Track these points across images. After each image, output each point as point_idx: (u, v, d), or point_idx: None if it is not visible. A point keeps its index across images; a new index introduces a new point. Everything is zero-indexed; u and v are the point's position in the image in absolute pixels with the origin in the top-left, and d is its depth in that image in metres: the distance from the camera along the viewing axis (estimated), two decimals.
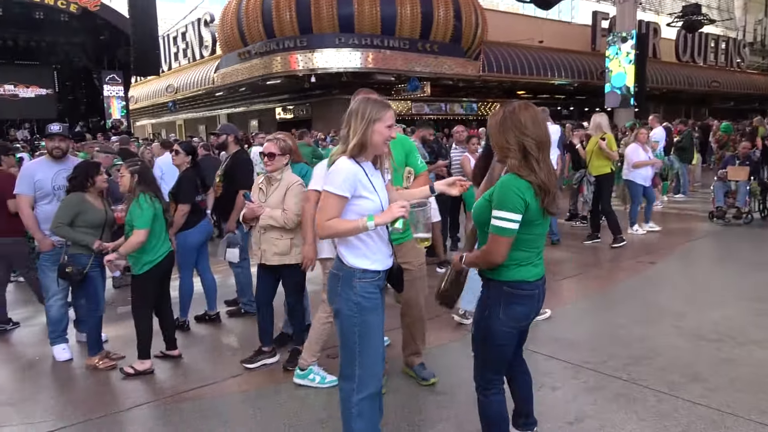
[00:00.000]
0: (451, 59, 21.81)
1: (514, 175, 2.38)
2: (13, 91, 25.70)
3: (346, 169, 2.42)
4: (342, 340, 2.55)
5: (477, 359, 2.64)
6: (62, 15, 22.66)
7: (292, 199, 3.87)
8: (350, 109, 2.51)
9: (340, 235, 2.46)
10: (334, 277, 2.54)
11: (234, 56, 22.63)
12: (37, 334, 5.03)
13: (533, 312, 2.56)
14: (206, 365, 4.26)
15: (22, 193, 4.46)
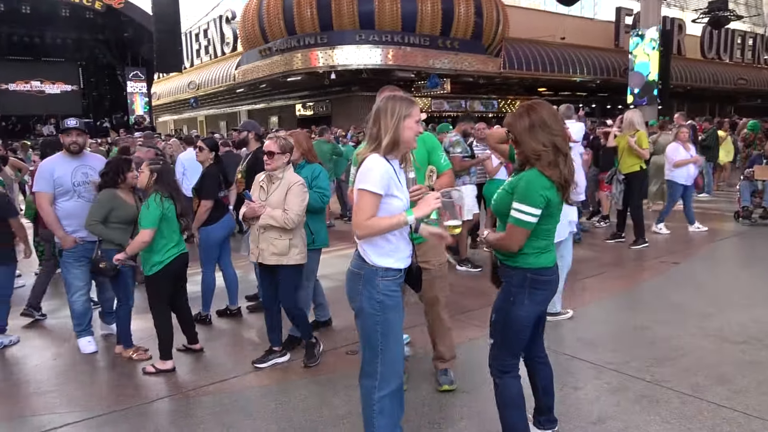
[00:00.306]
0: (471, 56, 21.69)
1: (539, 172, 2.49)
2: (40, 88, 26.22)
3: (381, 167, 2.41)
4: (364, 338, 2.56)
5: (495, 344, 2.71)
6: (87, 12, 23.06)
7: (293, 199, 3.81)
8: (378, 108, 2.51)
9: (381, 232, 2.44)
10: (356, 275, 2.54)
11: (255, 53, 22.77)
12: (63, 327, 5.12)
13: (552, 295, 2.71)
14: (227, 359, 4.30)
15: (41, 191, 4.38)
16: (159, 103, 33.47)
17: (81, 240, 4.39)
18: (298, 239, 3.92)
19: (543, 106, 2.58)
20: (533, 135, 2.51)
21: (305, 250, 3.99)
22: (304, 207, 3.86)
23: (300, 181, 3.89)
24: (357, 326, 2.60)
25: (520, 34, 24.46)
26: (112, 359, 4.35)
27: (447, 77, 22.77)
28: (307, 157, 4.34)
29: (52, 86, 26.51)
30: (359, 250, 2.54)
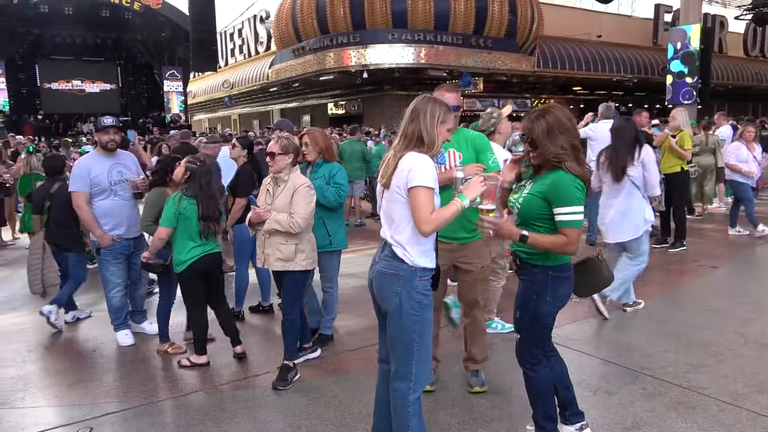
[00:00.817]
0: (505, 54, 21.49)
1: (565, 173, 2.57)
2: (80, 87, 26.95)
3: (430, 163, 2.47)
4: (399, 340, 2.55)
5: (523, 339, 2.82)
6: (126, 13, 23.62)
7: (299, 202, 3.65)
8: (417, 108, 2.55)
9: (447, 222, 2.48)
10: (392, 276, 2.52)
11: (288, 52, 22.99)
12: (101, 319, 5.26)
13: (571, 289, 2.79)
14: (260, 355, 4.36)
15: (78, 190, 4.39)
16: (194, 102, 34.07)
17: (118, 238, 4.48)
18: (306, 244, 3.77)
19: (558, 108, 2.67)
20: (552, 138, 2.57)
21: (314, 255, 3.86)
22: (311, 210, 3.70)
23: (306, 183, 3.73)
24: (389, 328, 2.57)
25: (554, 32, 24.12)
26: (148, 353, 4.46)
27: (480, 76, 22.61)
28: (325, 156, 4.22)
29: (92, 85, 27.24)
30: (395, 251, 2.51)
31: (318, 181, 4.07)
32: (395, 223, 2.52)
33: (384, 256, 2.56)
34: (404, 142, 2.53)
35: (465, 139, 3.44)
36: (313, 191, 3.76)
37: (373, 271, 2.61)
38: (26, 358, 4.42)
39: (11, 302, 5.95)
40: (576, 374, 3.78)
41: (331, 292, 4.47)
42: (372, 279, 2.62)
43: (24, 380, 4.00)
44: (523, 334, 2.80)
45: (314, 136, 4.19)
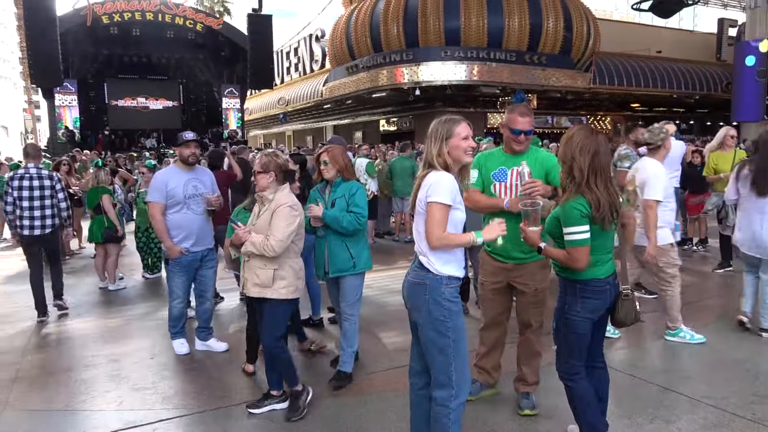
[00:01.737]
0: (559, 71, 21.21)
1: (576, 194, 2.74)
2: (145, 103, 28.21)
3: (448, 179, 2.59)
4: (434, 349, 2.64)
5: (560, 349, 2.95)
6: (189, 33, 24.65)
7: (277, 224, 3.43)
8: (428, 132, 2.73)
9: (454, 247, 2.64)
10: (420, 285, 2.65)
11: (342, 70, 23.40)
12: (159, 328, 5.45)
13: (606, 304, 2.85)
14: (307, 370, 4.40)
15: (154, 201, 4.54)
16: (250, 118, 35.07)
17: (186, 251, 4.61)
18: (287, 270, 3.53)
19: (582, 129, 2.82)
20: (571, 157, 2.75)
21: (298, 283, 3.60)
22: (289, 233, 3.44)
23: (288, 203, 3.49)
24: (422, 336, 2.67)
25: (612, 47, 23.64)
26: (203, 362, 4.58)
27: (533, 93, 22.36)
28: (344, 175, 4.02)
29: (156, 102, 28.47)
30: (420, 261, 2.66)
31: (339, 201, 3.93)
32: (420, 235, 2.66)
33: (414, 268, 2.72)
34: (423, 165, 2.72)
35: (535, 158, 3.43)
36: (297, 212, 3.51)
37: (406, 281, 2.75)
38: (89, 362, 4.62)
39: (77, 308, 6.24)
40: (632, 401, 3.65)
41: (352, 320, 4.10)
42: (403, 288, 2.75)
43: (86, 384, 4.18)
44: (560, 345, 2.93)
45: (333, 154, 4.03)
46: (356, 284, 4.09)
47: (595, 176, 2.71)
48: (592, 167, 2.70)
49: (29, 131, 52.81)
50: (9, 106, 56.67)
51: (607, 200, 2.70)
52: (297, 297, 3.62)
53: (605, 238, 2.82)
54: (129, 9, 22.95)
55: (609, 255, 2.87)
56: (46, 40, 19.30)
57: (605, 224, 2.72)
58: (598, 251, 2.80)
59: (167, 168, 4.84)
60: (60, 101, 23.80)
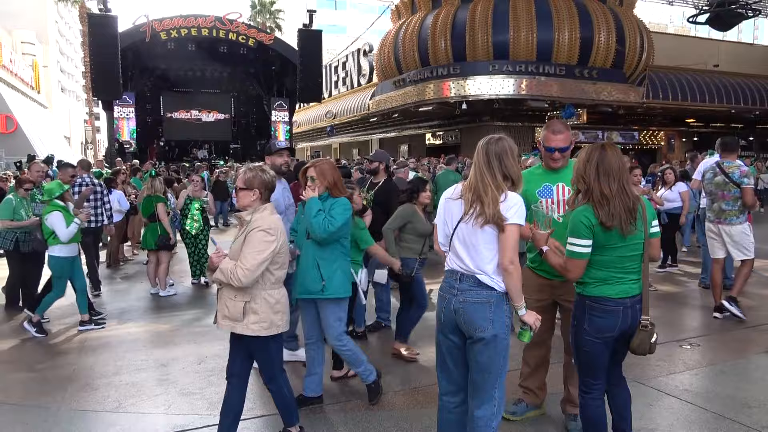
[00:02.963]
0: (611, 85, 20.74)
1: (586, 206, 2.75)
2: (198, 116, 29.11)
3: (521, 201, 2.66)
4: (487, 366, 2.65)
5: (576, 366, 2.97)
6: (242, 48, 25.36)
7: (247, 250, 3.01)
8: (495, 151, 2.68)
9: (515, 281, 2.61)
10: (483, 305, 2.62)
11: (389, 84, 23.57)
12: (206, 334, 5.56)
13: (617, 326, 2.77)
14: (353, 380, 4.40)
15: None
16: (298, 131, 35.67)
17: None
18: (260, 303, 3.08)
19: (590, 145, 2.84)
20: (579, 172, 2.79)
21: (275, 318, 3.13)
22: (260, 261, 2.98)
23: (262, 227, 3.04)
24: (479, 355, 2.64)
25: (666, 61, 23.01)
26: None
27: (583, 107, 21.95)
28: (332, 192, 3.73)
29: (208, 115, 29.33)
30: (481, 280, 2.63)
31: (317, 216, 3.60)
32: (480, 253, 2.62)
33: (468, 287, 2.65)
34: (498, 181, 2.66)
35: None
36: (273, 237, 3.04)
37: (455, 303, 2.66)
38: (139, 366, 4.75)
39: (128, 313, 6.44)
40: (684, 429, 3.49)
41: (345, 350, 3.84)
42: (456, 310, 2.66)
43: (136, 387, 4.30)
44: (575, 360, 2.96)
45: (322, 169, 3.70)
46: (326, 311, 3.75)
47: (600, 183, 2.71)
48: (598, 174, 2.72)
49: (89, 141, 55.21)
50: (72, 117, 59.46)
51: (622, 205, 2.68)
52: (272, 334, 3.13)
53: (621, 254, 2.74)
54: (186, 25, 23.81)
55: (626, 275, 2.77)
56: (107, 56, 20.22)
57: (623, 229, 2.68)
58: (609, 267, 2.75)
59: None
60: (119, 113, 24.81)
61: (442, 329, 2.76)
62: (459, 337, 2.71)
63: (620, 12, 20.64)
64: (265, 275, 3.09)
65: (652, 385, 4.18)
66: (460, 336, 2.70)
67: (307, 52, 23.73)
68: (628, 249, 2.74)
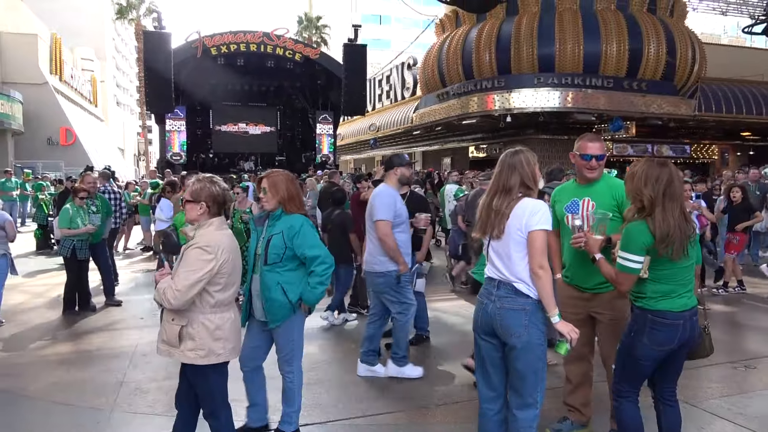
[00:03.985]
0: (661, 98, 20.23)
1: (641, 222, 2.73)
2: (245, 129, 29.80)
3: (546, 207, 2.76)
4: (527, 371, 2.73)
5: (617, 370, 2.96)
6: (288, 63, 25.93)
7: (181, 269, 2.77)
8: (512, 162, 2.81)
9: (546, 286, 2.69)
10: (519, 311, 2.70)
11: (432, 97, 23.65)
12: None
13: (677, 338, 2.76)
14: (398, 385, 4.41)
15: (388, 219, 4.46)
16: (342, 144, 36.09)
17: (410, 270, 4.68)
18: (198, 328, 2.82)
19: (647, 162, 2.83)
20: (638, 186, 2.75)
21: (215, 346, 2.85)
22: (194, 281, 2.73)
23: (199, 244, 2.80)
24: (516, 361, 2.72)
25: (720, 73, 22.29)
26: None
27: (632, 120, 21.46)
28: (286, 207, 3.34)
29: (255, 128, 29.98)
30: (517, 287, 2.70)
31: (276, 238, 3.29)
32: (512, 261, 2.71)
33: (504, 294, 2.74)
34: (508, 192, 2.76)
35: (608, 185, 3.38)
36: (212, 255, 2.77)
37: (492, 309, 2.75)
38: None
39: None
40: None
41: (290, 378, 3.52)
42: (493, 315, 2.75)
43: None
44: (618, 365, 2.94)
45: (274, 180, 3.36)
46: (292, 331, 3.44)
47: (664, 208, 2.67)
48: (664, 197, 2.68)
49: (142, 153, 57.28)
50: (126, 130, 61.87)
51: (680, 232, 2.65)
52: (210, 363, 2.86)
53: (680, 267, 2.74)
54: (235, 41, 24.53)
55: (684, 287, 2.79)
56: (161, 71, 20.99)
57: (674, 256, 2.65)
58: (671, 281, 2.75)
59: (392, 188, 4.70)
60: (170, 126, 25.67)
61: (478, 332, 2.87)
62: (497, 340, 2.80)
63: (671, 23, 20.17)
64: (203, 297, 2.82)
65: (704, 408, 4.04)
66: (498, 339, 2.80)
67: (351, 66, 24.07)
68: (685, 262, 2.76)
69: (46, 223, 12.29)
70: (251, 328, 3.55)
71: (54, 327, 6.36)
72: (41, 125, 27.43)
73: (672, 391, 2.96)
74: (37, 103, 27.14)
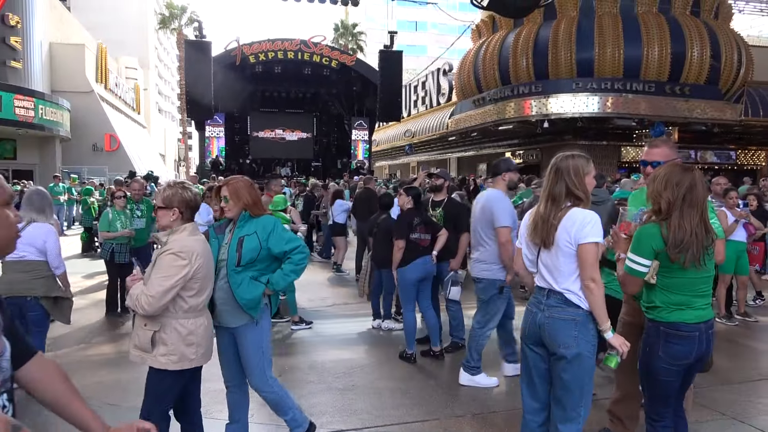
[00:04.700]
0: (705, 102, 19.66)
1: (654, 225, 2.67)
2: (282, 135, 30.24)
3: (597, 218, 2.65)
4: (574, 384, 2.66)
5: (645, 392, 2.88)
6: (325, 70, 26.25)
7: (155, 275, 2.79)
8: (560, 168, 2.71)
9: (598, 301, 2.62)
10: (570, 322, 2.63)
11: (468, 103, 23.53)
12: (282, 347, 5.71)
13: (694, 352, 2.67)
14: (420, 399, 4.38)
15: (511, 226, 4.43)
16: (377, 149, 36.22)
17: None
18: (171, 334, 2.84)
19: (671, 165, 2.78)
20: (659, 189, 2.69)
21: (187, 351, 2.87)
22: (167, 288, 2.75)
23: (173, 250, 2.81)
24: (563, 372, 2.65)
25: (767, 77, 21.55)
26: (328, 382, 4.71)
27: (674, 125, 20.91)
28: (252, 211, 3.29)
29: (291, 134, 30.40)
30: (568, 298, 2.64)
31: (249, 239, 3.19)
32: (563, 273, 2.65)
33: (554, 303, 2.67)
34: (557, 200, 2.68)
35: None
36: (186, 261, 2.79)
37: (541, 318, 2.70)
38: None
39: None
40: None
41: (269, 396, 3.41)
42: (541, 324, 2.69)
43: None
44: (644, 387, 2.87)
45: (235, 187, 3.27)
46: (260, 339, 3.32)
47: (682, 213, 2.60)
48: (683, 202, 2.61)
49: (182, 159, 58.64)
50: (167, 136, 63.49)
51: (696, 241, 2.56)
52: (183, 369, 2.88)
53: (694, 278, 2.65)
54: (273, 49, 24.96)
55: (699, 299, 2.68)
56: (201, 79, 21.50)
57: (686, 263, 2.57)
58: (684, 291, 2.66)
59: (501, 192, 4.65)
60: (209, 132, 26.24)
61: (526, 341, 2.81)
62: (544, 350, 2.75)
63: (715, 26, 19.62)
64: (177, 302, 2.84)
65: (752, 423, 3.89)
66: (545, 349, 2.74)
67: (387, 73, 24.19)
68: (699, 272, 2.65)
69: (91, 227, 12.69)
70: (221, 343, 3.38)
71: (97, 328, 6.54)
72: (87, 132, 28.37)
73: (679, 405, 2.91)
74: (84, 111, 28.09)
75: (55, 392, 1.56)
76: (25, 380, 1.56)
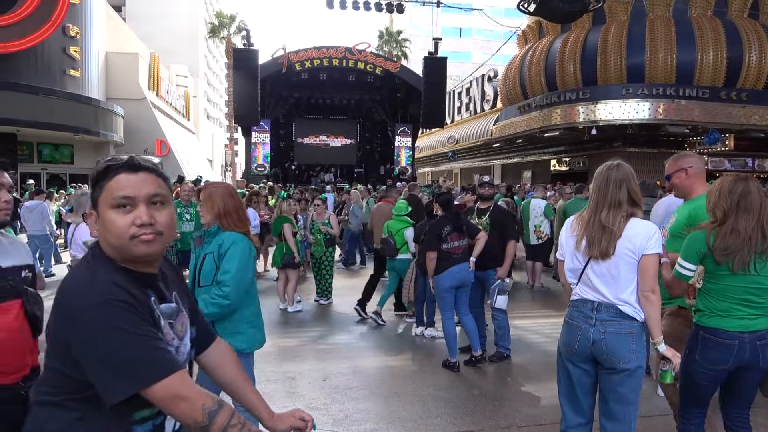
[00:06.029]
0: (763, 108, 18.85)
1: (702, 231, 2.69)
2: (326, 141, 30.62)
3: (656, 228, 2.65)
4: (630, 396, 2.62)
5: (680, 391, 2.91)
6: (369, 77, 26.46)
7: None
8: (618, 177, 2.64)
9: (654, 313, 2.59)
10: (628, 336, 2.57)
11: (513, 109, 23.26)
12: (331, 351, 5.72)
13: (731, 359, 2.63)
14: (464, 409, 4.31)
15: None
16: (420, 156, 36.17)
17: None
18: None
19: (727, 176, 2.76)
20: (714, 200, 2.70)
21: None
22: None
23: None
24: (621, 387, 2.61)
25: None
26: (371, 388, 4.70)
27: (730, 132, 20.14)
28: (223, 222, 2.98)
29: (335, 140, 30.73)
30: (623, 310, 2.57)
31: (207, 258, 2.95)
32: (620, 284, 2.57)
33: (607, 317, 2.59)
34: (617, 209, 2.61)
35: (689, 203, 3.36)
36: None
37: (595, 333, 2.60)
38: (269, 377, 5.00)
39: None
40: None
41: None
42: (595, 340, 2.60)
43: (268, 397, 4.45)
44: (681, 384, 2.88)
45: (210, 193, 3.03)
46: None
47: (737, 217, 2.60)
48: (738, 208, 2.62)
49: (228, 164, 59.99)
50: (214, 142, 65.06)
51: (748, 242, 2.55)
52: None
53: (736, 284, 2.61)
54: (318, 56, 25.31)
55: (746, 309, 2.62)
56: (249, 86, 21.95)
57: (734, 267, 2.56)
58: (727, 297, 2.63)
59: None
60: (255, 138, 26.75)
61: (571, 358, 2.71)
62: (592, 366, 2.69)
63: None
64: None
65: None
66: (593, 365, 2.68)
67: (431, 79, 24.15)
68: (746, 280, 2.61)
69: None
70: None
71: None
72: (139, 137, 29.33)
73: (741, 417, 2.82)
74: (136, 117, 29.07)
75: (231, 376, 1.73)
76: (205, 362, 1.75)
